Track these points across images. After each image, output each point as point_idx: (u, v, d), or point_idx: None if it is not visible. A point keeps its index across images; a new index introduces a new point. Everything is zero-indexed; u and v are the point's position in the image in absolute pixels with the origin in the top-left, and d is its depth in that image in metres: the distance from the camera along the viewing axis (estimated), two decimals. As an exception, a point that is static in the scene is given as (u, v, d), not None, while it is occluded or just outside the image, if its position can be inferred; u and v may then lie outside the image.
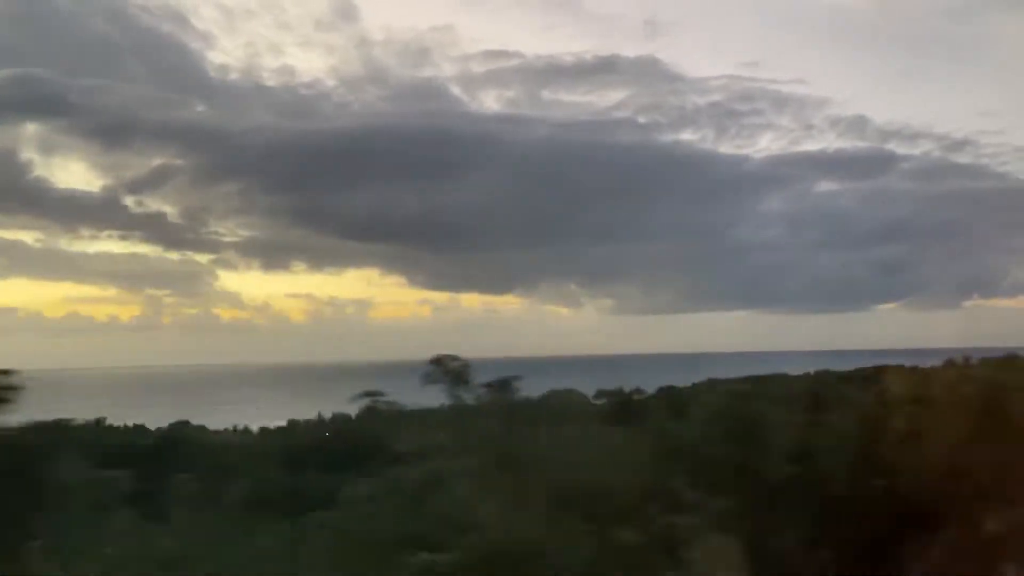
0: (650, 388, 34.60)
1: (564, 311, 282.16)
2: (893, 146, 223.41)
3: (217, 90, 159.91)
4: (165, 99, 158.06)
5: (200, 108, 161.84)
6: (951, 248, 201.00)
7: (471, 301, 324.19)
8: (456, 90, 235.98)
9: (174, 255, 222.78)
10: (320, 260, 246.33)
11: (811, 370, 38.80)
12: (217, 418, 45.28)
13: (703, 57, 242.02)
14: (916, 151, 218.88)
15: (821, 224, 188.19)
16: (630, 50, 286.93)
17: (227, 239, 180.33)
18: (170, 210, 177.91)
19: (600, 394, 28.17)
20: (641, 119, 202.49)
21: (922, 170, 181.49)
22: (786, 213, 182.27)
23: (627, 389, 30.02)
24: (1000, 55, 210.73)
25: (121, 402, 64.82)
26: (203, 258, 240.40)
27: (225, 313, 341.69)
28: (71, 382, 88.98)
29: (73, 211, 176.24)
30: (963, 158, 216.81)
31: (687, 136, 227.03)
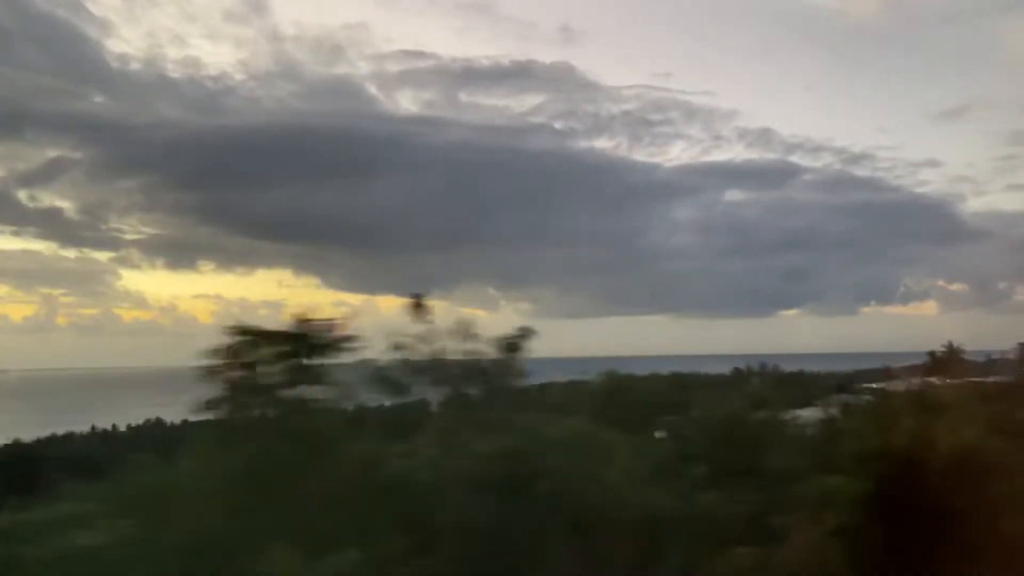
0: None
1: (482, 314, 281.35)
2: (797, 158, 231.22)
3: (117, 80, 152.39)
4: (61, 88, 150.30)
5: (99, 99, 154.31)
6: (850, 257, 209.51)
7: (388, 304, 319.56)
8: (371, 89, 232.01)
9: (71, 252, 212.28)
10: (229, 260, 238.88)
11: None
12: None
13: (617, 66, 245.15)
14: (818, 163, 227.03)
15: (729, 232, 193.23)
16: (546, 56, 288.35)
17: (129, 236, 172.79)
18: (67, 205, 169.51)
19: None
20: (557, 125, 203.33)
21: (823, 182, 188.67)
22: (696, 221, 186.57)
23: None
24: (894, 74, 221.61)
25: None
26: (103, 256, 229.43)
27: (127, 314, 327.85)
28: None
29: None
30: (861, 171, 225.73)
31: (602, 143, 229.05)
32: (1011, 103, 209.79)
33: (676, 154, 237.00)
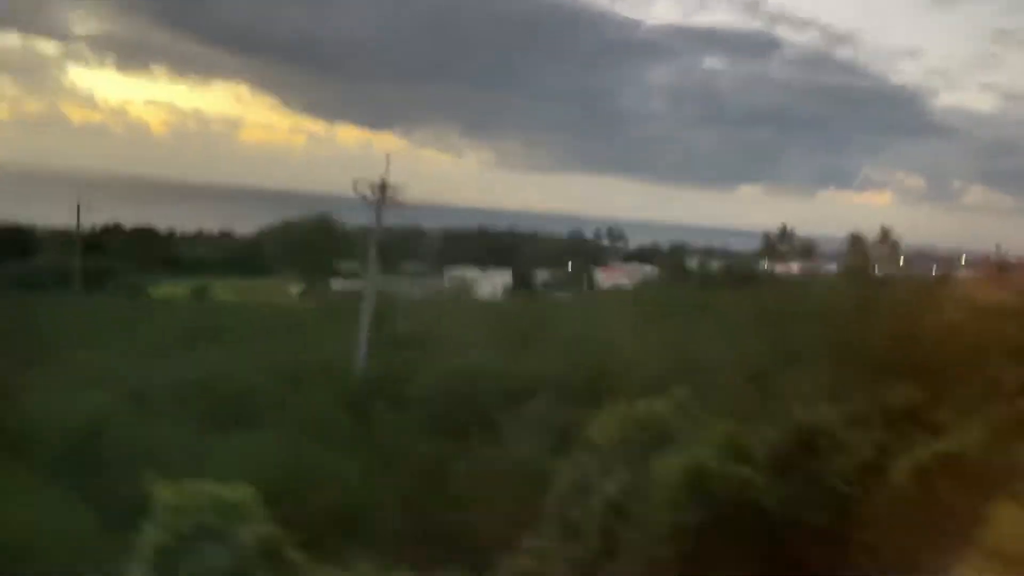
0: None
1: (444, 157, 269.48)
2: (780, 31, 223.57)
3: None
4: None
5: None
6: (816, 140, 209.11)
7: (348, 133, 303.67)
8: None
9: (14, 38, 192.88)
10: (183, 66, 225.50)
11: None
12: None
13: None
14: (801, 39, 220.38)
15: (701, 101, 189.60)
16: None
17: (77, 30, 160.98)
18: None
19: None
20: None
21: (802, 60, 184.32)
22: (670, 86, 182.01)
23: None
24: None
25: None
26: (49, 47, 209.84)
27: (75, 113, 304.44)
28: None
29: None
30: (842, 53, 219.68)
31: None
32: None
33: (660, 12, 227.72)
